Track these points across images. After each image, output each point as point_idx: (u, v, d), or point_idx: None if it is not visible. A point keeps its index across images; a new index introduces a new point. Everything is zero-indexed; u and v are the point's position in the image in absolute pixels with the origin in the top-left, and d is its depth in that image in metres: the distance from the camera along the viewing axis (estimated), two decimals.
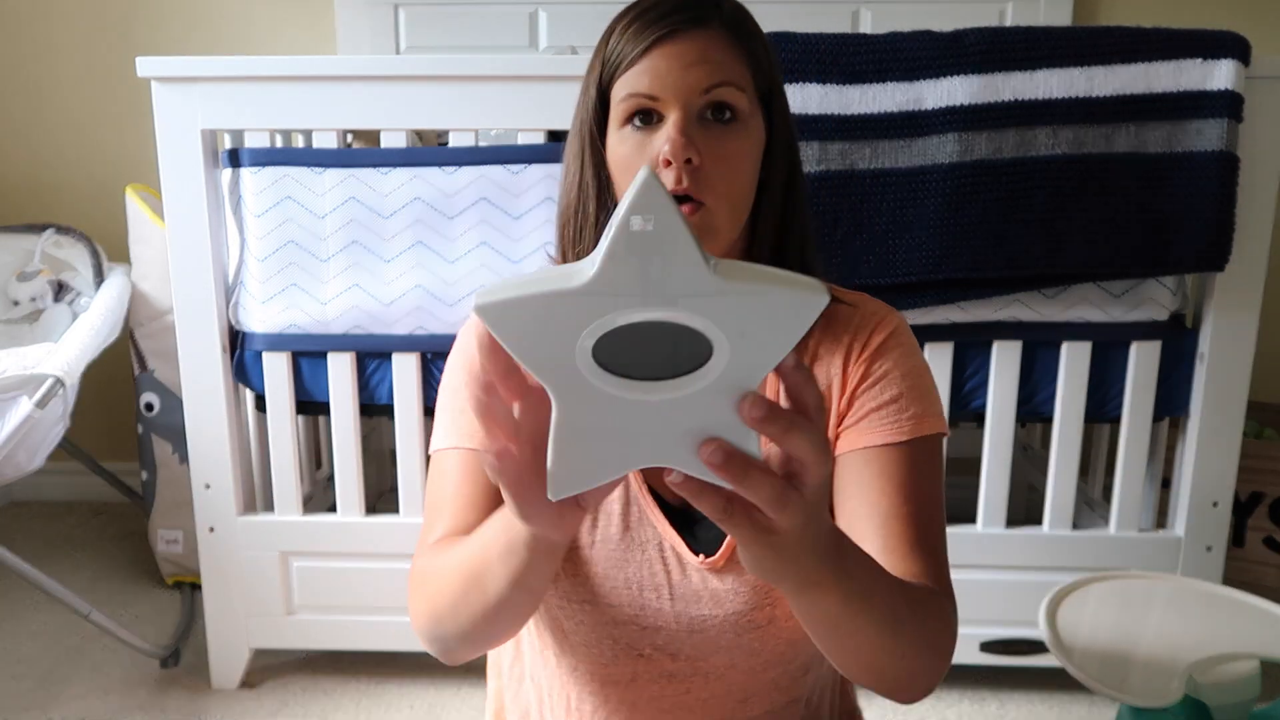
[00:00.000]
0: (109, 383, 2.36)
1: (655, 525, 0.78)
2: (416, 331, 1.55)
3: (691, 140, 0.70)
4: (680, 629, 0.78)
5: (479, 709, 1.65)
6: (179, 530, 2.03)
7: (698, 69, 0.71)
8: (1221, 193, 1.43)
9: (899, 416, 0.76)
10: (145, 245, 1.98)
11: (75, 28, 2.40)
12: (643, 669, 0.79)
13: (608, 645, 0.79)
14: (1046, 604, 1.19)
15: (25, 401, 1.57)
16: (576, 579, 0.78)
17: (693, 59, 0.71)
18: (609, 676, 0.80)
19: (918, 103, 1.42)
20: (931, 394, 0.78)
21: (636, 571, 0.78)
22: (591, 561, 0.78)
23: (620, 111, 0.74)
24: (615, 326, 0.43)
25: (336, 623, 1.68)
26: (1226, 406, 1.55)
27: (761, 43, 0.76)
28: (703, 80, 0.71)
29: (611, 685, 0.80)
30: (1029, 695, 1.70)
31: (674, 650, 0.79)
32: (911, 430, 0.75)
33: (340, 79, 1.49)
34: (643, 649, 0.79)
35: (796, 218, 0.79)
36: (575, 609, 0.78)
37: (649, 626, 0.78)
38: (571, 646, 0.80)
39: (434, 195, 1.51)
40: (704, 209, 0.71)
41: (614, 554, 0.78)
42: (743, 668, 0.79)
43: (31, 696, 1.69)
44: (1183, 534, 1.61)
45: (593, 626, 0.78)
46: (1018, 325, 1.53)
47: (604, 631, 0.79)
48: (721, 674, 0.79)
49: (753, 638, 0.77)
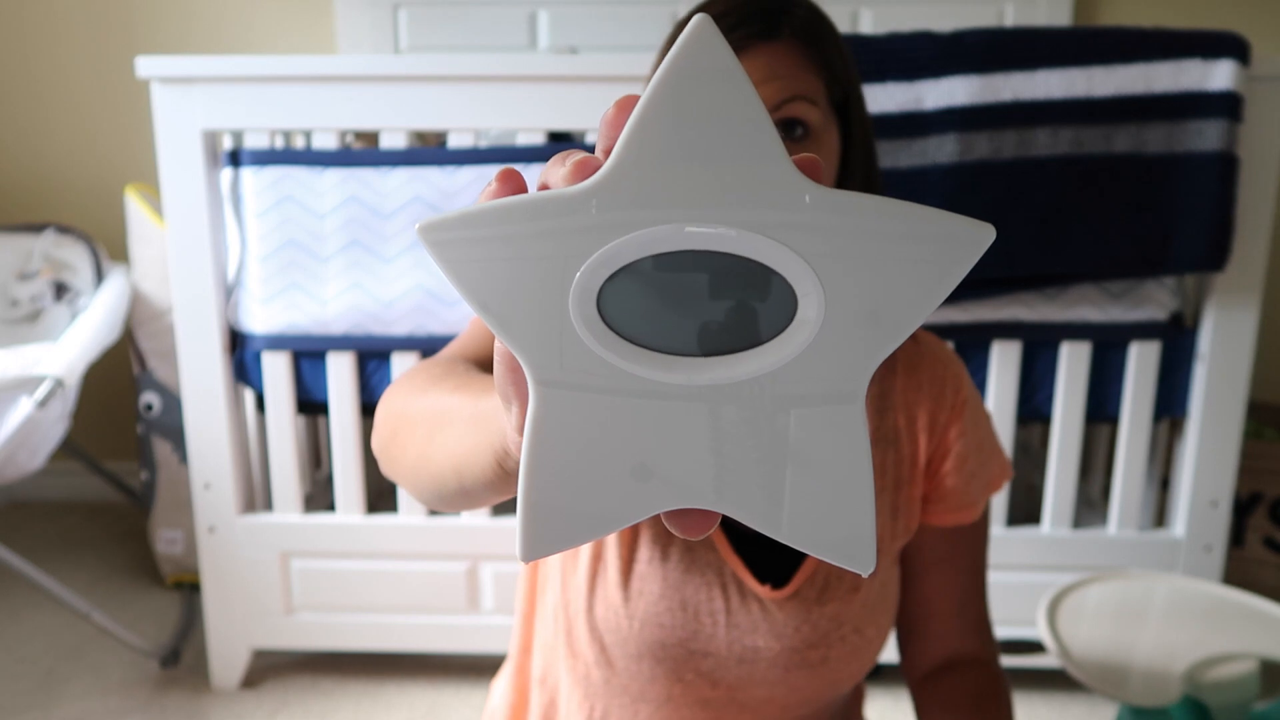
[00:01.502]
0: (109, 383, 2.36)
1: (718, 549, 0.75)
2: (416, 331, 1.55)
3: None
4: (730, 658, 0.75)
5: (479, 709, 1.65)
6: (179, 530, 2.03)
7: (766, 87, 0.68)
8: (1221, 193, 1.43)
9: (980, 493, 0.77)
10: (145, 245, 1.98)
11: (75, 28, 2.40)
12: (679, 693, 0.77)
13: (649, 664, 0.76)
14: (1046, 604, 1.19)
15: (25, 401, 1.57)
16: (629, 595, 0.75)
17: (760, 77, 0.68)
18: (642, 694, 0.78)
19: (918, 103, 1.42)
20: (999, 448, 0.80)
21: (694, 595, 0.75)
22: (647, 579, 0.75)
23: None
24: (637, 259, 0.26)
25: (336, 623, 1.68)
26: (1226, 406, 1.56)
27: (837, 47, 0.73)
28: (772, 98, 0.68)
29: (643, 703, 0.78)
30: (1029, 695, 1.70)
31: (716, 678, 0.76)
32: (986, 496, 0.78)
33: (340, 79, 1.49)
34: (684, 674, 0.76)
35: None
36: (625, 624, 0.76)
37: (697, 651, 0.75)
38: (610, 660, 0.77)
39: (434, 195, 1.51)
40: None
41: (672, 574, 0.75)
42: (779, 703, 0.77)
43: (31, 696, 1.69)
44: (1182, 534, 1.61)
45: (639, 644, 0.76)
46: (1018, 325, 1.53)
47: (648, 651, 0.76)
48: (757, 707, 0.77)
49: (801, 676, 0.75)
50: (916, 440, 0.75)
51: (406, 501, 1.63)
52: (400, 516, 1.64)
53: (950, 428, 0.75)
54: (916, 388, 0.76)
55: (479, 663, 1.79)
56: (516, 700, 0.90)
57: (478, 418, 0.48)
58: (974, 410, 0.77)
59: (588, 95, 1.47)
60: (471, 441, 0.47)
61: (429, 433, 0.54)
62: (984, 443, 0.78)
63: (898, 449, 0.76)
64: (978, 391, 0.79)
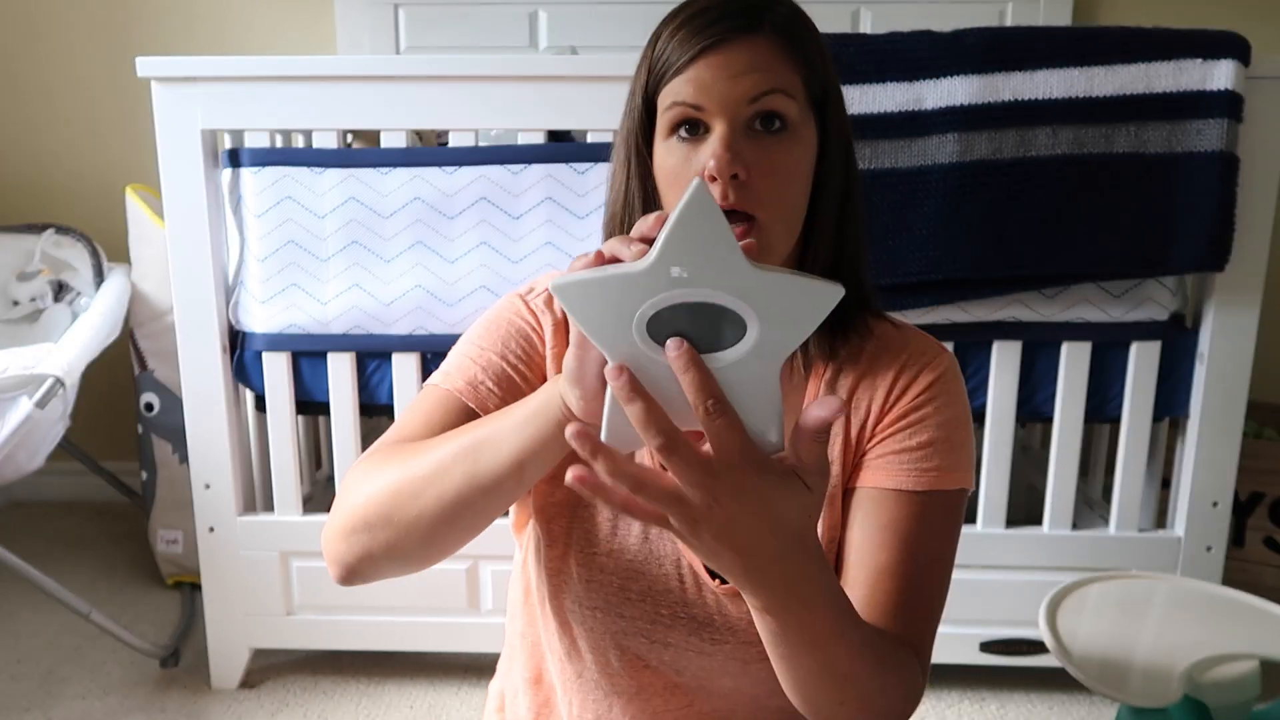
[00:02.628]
0: (109, 383, 2.36)
1: (675, 541, 0.77)
2: (416, 331, 1.55)
3: (738, 155, 0.68)
4: (689, 649, 0.77)
5: (479, 709, 1.65)
6: (179, 530, 2.03)
7: (745, 79, 0.69)
8: (1221, 193, 1.43)
9: (922, 465, 0.74)
10: (145, 245, 1.98)
11: (75, 28, 2.40)
12: (649, 681, 0.79)
13: (615, 655, 0.78)
14: (1046, 604, 1.19)
15: (25, 401, 1.57)
16: (592, 583, 0.77)
17: (739, 69, 0.69)
18: (614, 687, 0.80)
19: (918, 103, 1.42)
20: (964, 448, 0.76)
21: (651, 585, 0.77)
22: (608, 569, 0.77)
23: (666, 121, 0.72)
24: (666, 306, 0.51)
25: (336, 623, 1.68)
26: (1226, 406, 1.55)
27: (816, 46, 0.73)
28: (750, 90, 0.69)
29: (615, 696, 0.80)
30: (1029, 695, 1.70)
31: (680, 666, 0.78)
32: (931, 482, 0.73)
33: (340, 79, 1.49)
34: (650, 660, 0.78)
35: (852, 225, 0.76)
36: (587, 614, 0.78)
37: (658, 641, 0.77)
38: (579, 652, 0.80)
39: (434, 195, 1.51)
40: (756, 224, 0.69)
41: (631, 564, 0.77)
42: (748, 694, 0.79)
43: (31, 696, 1.69)
44: (1183, 534, 1.61)
45: (603, 634, 0.78)
46: (1018, 325, 1.53)
47: (613, 640, 0.78)
48: (727, 694, 0.79)
49: (760, 668, 0.76)
50: (869, 409, 0.77)
51: None
52: None
53: (912, 402, 0.76)
54: (884, 365, 0.77)
55: (479, 663, 1.79)
56: (499, 705, 0.92)
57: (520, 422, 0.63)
58: (945, 398, 0.76)
59: (588, 95, 1.47)
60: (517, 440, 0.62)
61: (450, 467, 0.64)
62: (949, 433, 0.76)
63: (845, 434, 0.76)
64: (963, 392, 0.78)
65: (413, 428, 0.73)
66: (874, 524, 0.73)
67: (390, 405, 1.61)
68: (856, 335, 0.77)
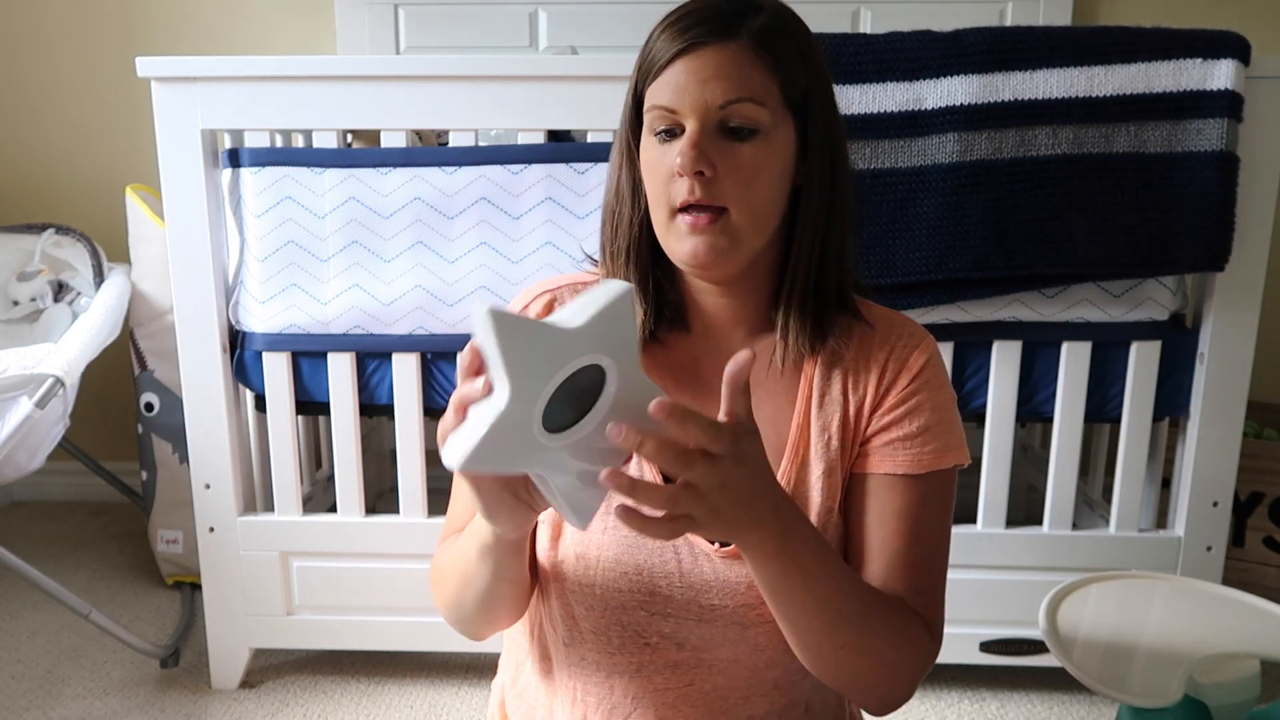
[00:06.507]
0: (109, 383, 2.36)
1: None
2: (416, 331, 1.55)
3: (704, 153, 0.72)
4: (689, 617, 0.79)
5: (479, 709, 1.65)
6: (179, 530, 2.03)
7: (714, 84, 0.72)
8: (1221, 193, 1.43)
9: (921, 449, 0.79)
10: (145, 245, 1.98)
11: (75, 28, 2.40)
12: (649, 659, 0.80)
13: (615, 633, 0.80)
14: (1046, 604, 1.19)
15: (25, 401, 1.57)
16: (587, 565, 0.79)
17: (709, 74, 0.73)
18: (615, 667, 0.81)
19: (918, 103, 1.42)
20: (956, 425, 0.82)
21: (647, 559, 0.79)
22: (603, 548, 0.79)
23: (648, 120, 0.77)
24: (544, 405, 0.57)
25: (336, 623, 1.68)
26: (1226, 406, 1.55)
27: (796, 49, 0.76)
28: (718, 96, 0.73)
29: (617, 676, 0.81)
30: (1029, 695, 1.70)
31: (680, 639, 0.80)
32: (931, 464, 0.79)
33: (340, 79, 1.49)
34: (650, 637, 0.80)
35: (838, 220, 0.79)
36: (585, 594, 0.80)
37: (657, 614, 0.79)
38: (581, 635, 0.81)
39: (434, 195, 1.51)
40: (725, 215, 0.74)
41: (625, 540, 0.79)
42: (746, 664, 0.80)
43: (31, 696, 1.69)
44: (1183, 534, 1.61)
45: (601, 613, 0.80)
46: (1018, 325, 1.53)
47: (612, 618, 0.80)
48: (725, 667, 0.80)
49: (758, 632, 0.79)
50: (863, 400, 0.81)
51: (406, 502, 1.63)
52: (400, 516, 1.64)
53: (906, 388, 0.80)
54: (868, 355, 0.82)
55: (479, 663, 1.79)
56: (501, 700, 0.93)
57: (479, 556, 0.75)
58: (936, 381, 0.81)
59: (588, 95, 1.47)
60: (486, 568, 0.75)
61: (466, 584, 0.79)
62: (943, 415, 0.81)
63: (844, 411, 0.81)
64: (946, 371, 0.83)
65: (460, 518, 0.84)
66: (888, 510, 0.79)
67: (390, 405, 1.60)
68: (841, 328, 0.81)
